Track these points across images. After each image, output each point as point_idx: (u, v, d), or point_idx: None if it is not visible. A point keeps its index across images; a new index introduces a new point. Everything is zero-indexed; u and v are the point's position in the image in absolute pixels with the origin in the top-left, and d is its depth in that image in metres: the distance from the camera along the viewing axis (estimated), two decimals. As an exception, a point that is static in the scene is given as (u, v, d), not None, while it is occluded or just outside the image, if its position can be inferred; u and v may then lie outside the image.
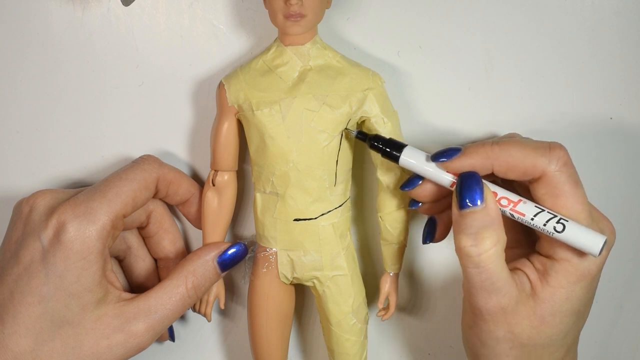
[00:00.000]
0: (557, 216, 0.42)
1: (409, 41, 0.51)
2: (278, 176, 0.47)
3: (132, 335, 0.45)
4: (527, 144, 0.43)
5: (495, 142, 0.44)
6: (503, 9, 0.50)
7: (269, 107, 0.47)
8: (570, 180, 0.43)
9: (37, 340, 0.44)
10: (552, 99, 0.51)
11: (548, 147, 0.43)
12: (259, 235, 0.50)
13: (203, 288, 0.48)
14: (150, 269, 0.53)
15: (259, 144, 0.48)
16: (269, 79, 0.47)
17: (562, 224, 0.42)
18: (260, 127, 0.47)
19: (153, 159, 0.50)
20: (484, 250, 0.42)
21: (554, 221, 0.42)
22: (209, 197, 0.50)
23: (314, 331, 0.56)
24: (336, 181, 0.48)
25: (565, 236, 0.42)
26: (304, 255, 0.48)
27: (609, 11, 0.49)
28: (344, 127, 0.47)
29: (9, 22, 0.52)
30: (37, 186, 0.53)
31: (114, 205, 0.46)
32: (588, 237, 0.42)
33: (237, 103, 0.48)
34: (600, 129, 0.51)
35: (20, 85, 0.53)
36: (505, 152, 0.43)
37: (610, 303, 0.53)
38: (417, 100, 0.51)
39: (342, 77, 0.47)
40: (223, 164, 0.49)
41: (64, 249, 0.44)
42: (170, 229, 0.53)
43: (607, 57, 0.50)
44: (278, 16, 0.46)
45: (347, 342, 0.50)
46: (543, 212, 0.43)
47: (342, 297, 0.49)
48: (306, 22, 0.46)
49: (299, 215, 0.48)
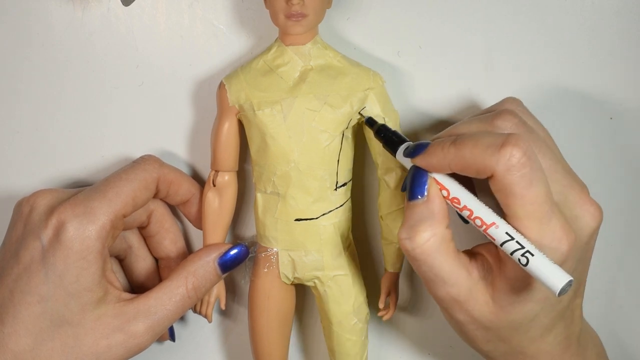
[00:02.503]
0: (524, 248, 0.40)
1: (409, 41, 0.51)
2: (279, 176, 0.47)
3: (131, 335, 0.45)
4: (481, 142, 0.41)
5: (452, 142, 0.42)
6: (503, 9, 0.50)
7: (270, 107, 0.47)
8: (521, 181, 0.40)
9: (36, 340, 0.44)
10: (552, 99, 0.51)
11: (500, 144, 0.40)
12: (259, 235, 0.50)
13: (203, 289, 0.48)
14: (151, 268, 0.53)
15: (260, 144, 0.48)
16: (269, 78, 0.47)
17: (526, 257, 0.40)
18: (261, 127, 0.47)
19: (153, 159, 0.50)
20: (418, 245, 0.42)
21: (519, 253, 0.40)
22: (210, 198, 0.50)
23: (314, 331, 0.56)
24: (337, 181, 0.48)
25: (528, 269, 0.40)
26: (305, 255, 0.48)
27: (609, 11, 0.49)
28: (345, 127, 0.47)
29: (9, 22, 0.52)
30: (37, 186, 0.53)
31: (113, 205, 0.46)
32: (551, 276, 0.40)
33: (238, 103, 0.48)
34: (600, 129, 0.51)
35: (20, 85, 0.53)
36: (459, 152, 0.42)
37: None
38: (417, 100, 0.51)
39: (343, 77, 0.47)
40: (224, 164, 0.49)
41: (64, 248, 0.44)
42: (171, 229, 0.52)
43: (607, 57, 0.50)
44: (279, 16, 0.46)
45: (348, 342, 0.50)
46: (511, 242, 0.41)
47: (343, 297, 0.49)
48: (307, 22, 0.46)
49: (300, 215, 0.48)
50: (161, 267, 0.53)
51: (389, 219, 0.49)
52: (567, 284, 0.39)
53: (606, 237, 0.53)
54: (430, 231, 0.42)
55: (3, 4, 0.52)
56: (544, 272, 0.40)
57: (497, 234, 0.41)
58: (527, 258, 0.40)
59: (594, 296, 0.50)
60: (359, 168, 0.52)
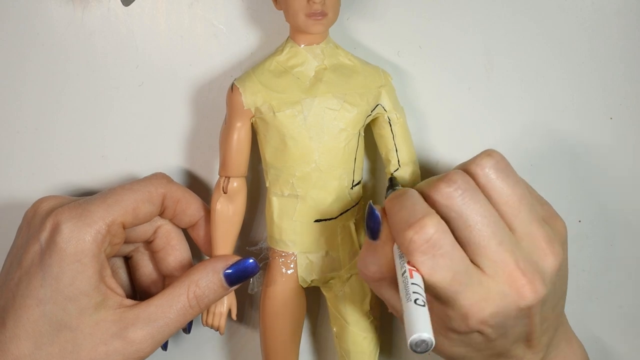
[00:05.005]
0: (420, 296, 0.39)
1: (409, 41, 0.51)
2: (299, 177, 0.47)
3: (130, 341, 0.44)
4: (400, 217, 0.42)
5: (386, 208, 0.43)
6: (503, 10, 0.50)
7: (290, 108, 0.46)
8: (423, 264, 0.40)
9: (36, 344, 0.44)
10: (552, 99, 0.51)
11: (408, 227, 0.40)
12: (274, 239, 0.49)
13: (206, 300, 0.47)
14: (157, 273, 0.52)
15: (277, 146, 0.47)
16: (285, 79, 0.47)
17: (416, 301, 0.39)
18: (281, 128, 0.46)
19: (162, 175, 0.49)
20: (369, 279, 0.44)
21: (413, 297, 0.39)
22: (222, 205, 0.48)
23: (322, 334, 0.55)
24: (354, 179, 0.48)
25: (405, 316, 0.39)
26: (325, 256, 0.48)
27: (609, 11, 0.49)
28: (362, 124, 0.47)
29: (9, 22, 0.52)
30: (37, 185, 0.53)
31: (112, 211, 0.45)
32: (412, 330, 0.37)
33: (255, 106, 0.47)
34: (600, 129, 0.51)
35: (20, 85, 0.53)
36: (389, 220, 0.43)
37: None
38: (417, 100, 0.51)
39: (357, 75, 0.47)
40: (236, 170, 0.48)
41: (59, 250, 0.44)
42: (177, 246, 0.51)
43: (607, 57, 0.50)
44: (299, 15, 0.45)
45: (365, 340, 0.50)
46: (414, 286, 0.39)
47: (359, 295, 0.49)
48: (327, 21, 0.46)
49: (320, 216, 0.48)
50: (167, 286, 0.52)
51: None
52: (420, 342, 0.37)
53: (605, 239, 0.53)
54: (377, 267, 0.43)
55: (3, 4, 0.52)
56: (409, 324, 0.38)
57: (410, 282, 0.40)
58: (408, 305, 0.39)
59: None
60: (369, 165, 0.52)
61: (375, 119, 0.49)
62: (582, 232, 0.52)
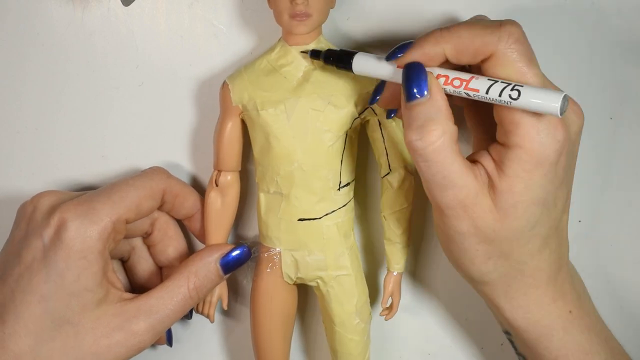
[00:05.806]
0: (512, 84, 0.39)
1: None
2: (282, 176, 0.47)
3: (132, 334, 0.45)
4: (477, 24, 0.41)
5: (445, 27, 0.41)
6: (503, 10, 0.50)
7: (273, 107, 0.47)
8: (522, 57, 0.40)
9: (37, 340, 0.44)
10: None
11: (499, 24, 0.40)
12: (262, 235, 0.50)
13: (205, 289, 0.48)
14: (154, 270, 0.53)
15: (263, 144, 0.48)
16: (273, 78, 0.47)
17: (517, 90, 0.39)
18: (265, 127, 0.47)
19: (162, 171, 0.50)
20: (430, 143, 0.40)
21: (508, 89, 0.39)
22: (212, 198, 0.50)
23: (316, 331, 0.56)
24: (341, 181, 0.48)
25: (522, 102, 0.39)
26: (308, 255, 0.48)
27: (609, 11, 0.49)
28: (349, 127, 0.47)
29: (9, 22, 0.52)
30: (37, 185, 0.53)
31: (117, 208, 0.46)
32: (546, 97, 0.39)
33: (242, 103, 0.48)
34: (600, 129, 0.51)
35: (21, 85, 0.53)
36: (455, 34, 0.41)
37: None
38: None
39: (347, 77, 0.47)
40: (226, 164, 0.49)
41: (65, 247, 0.44)
42: (174, 237, 0.52)
43: (607, 57, 0.50)
44: (283, 16, 0.46)
45: (351, 342, 0.50)
46: (497, 83, 0.40)
47: (345, 297, 0.49)
48: (311, 22, 0.46)
49: (303, 215, 0.48)
50: (164, 276, 0.53)
51: (392, 219, 0.49)
52: (564, 99, 0.38)
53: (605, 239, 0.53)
54: (441, 129, 0.40)
55: (3, 4, 0.52)
56: (539, 96, 0.39)
57: (480, 84, 0.40)
58: (518, 90, 0.39)
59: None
60: (362, 168, 0.52)
61: (368, 122, 0.49)
62: (582, 232, 0.52)
